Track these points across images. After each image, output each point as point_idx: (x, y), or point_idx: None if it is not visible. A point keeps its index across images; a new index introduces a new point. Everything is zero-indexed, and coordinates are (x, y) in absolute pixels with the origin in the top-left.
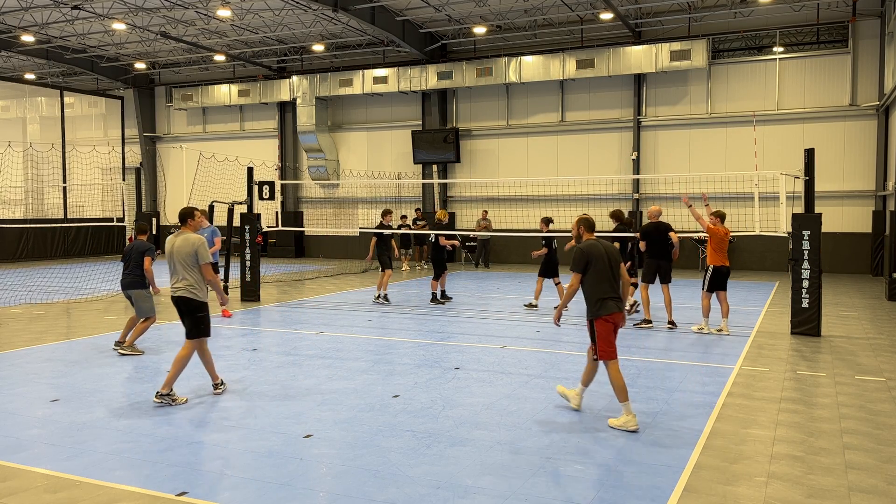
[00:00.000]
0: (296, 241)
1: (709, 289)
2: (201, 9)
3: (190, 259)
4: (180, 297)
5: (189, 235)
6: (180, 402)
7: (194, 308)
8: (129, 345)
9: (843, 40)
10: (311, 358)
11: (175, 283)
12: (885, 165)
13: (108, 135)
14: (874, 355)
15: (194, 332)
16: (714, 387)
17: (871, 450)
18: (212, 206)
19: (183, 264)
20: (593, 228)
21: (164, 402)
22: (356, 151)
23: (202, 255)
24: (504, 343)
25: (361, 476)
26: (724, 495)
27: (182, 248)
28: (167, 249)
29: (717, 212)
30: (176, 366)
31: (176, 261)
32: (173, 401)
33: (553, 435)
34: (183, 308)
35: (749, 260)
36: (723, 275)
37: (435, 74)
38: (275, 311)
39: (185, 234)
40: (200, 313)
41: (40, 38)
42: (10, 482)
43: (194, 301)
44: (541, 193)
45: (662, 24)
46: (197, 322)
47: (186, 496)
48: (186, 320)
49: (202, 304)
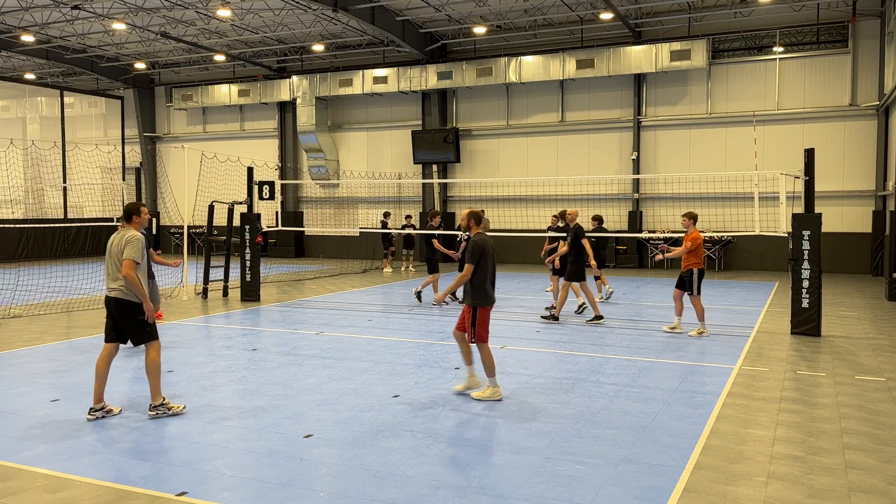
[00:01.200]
0: (296, 241)
1: (698, 291)
2: (201, 9)
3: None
4: (114, 299)
5: (127, 232)
6: (177, 410)
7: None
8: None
9: (843, 40)
10: (311, 358)
11: (109, 283)
12: (885, 165)
13: (108, 135)
14: (874, 355)
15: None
16: (714, 387)
17: (871, 450)
18: (212, 205)
19: (118, 264)
20: (481, 221)
21: (161, 413)
22: (356, 151)
23: (127, 251)
24: (504, 343)
25: (361, 476)
26: (724, 495)
27: (118, 245)
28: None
29: (689, 213)
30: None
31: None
32: (168, 409)
33: (553, 435)
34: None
35: (749, 260)
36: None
37: (435, 74)
38: (275, 311)
39: (126, 231)
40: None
41: (40, 38)
42: (10, 482)
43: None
44: (541, 193)
45: (662, 24)
46: (140, 325)
47: (186, 496)
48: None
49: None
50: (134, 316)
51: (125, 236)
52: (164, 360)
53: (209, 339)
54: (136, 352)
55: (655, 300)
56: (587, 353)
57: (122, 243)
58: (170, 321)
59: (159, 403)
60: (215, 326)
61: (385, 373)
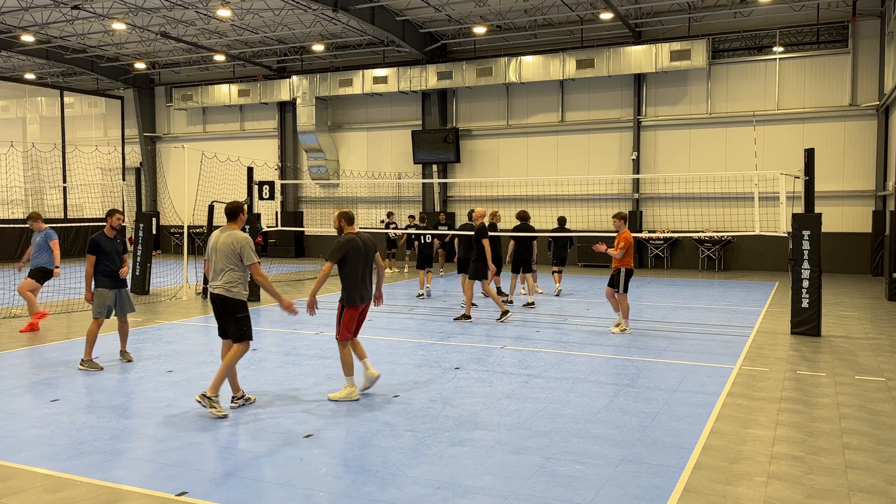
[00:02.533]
0: (296, 241)
1: (625, 289)
2: (201, 9)
3: (234, 257)
4: (218, 296)
5: (233, 232)
6: (219, 412)
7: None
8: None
9: (843, 40)
10: (311, 358)
11: (214, 280)
12: (885, 165)
13: (108, 135)
14: (874, 355)
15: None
16: (714, 387)
17: (871, 450)
18: (212, 205)
19: (225, 263)
20: (352, 222)
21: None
22: (356, 151)
23: (247, 254)
24: (504, 343)
25: (361, 476)
26: (724, 495)
27: (227, 245)
28: (210, 244)
29: (619, 213)
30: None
31: (219, 258)
32: (213, 407)
33: (553, 435)
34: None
35: (749, 260)
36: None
37: (435, 74)
38: (275, 311)
39: (231, 230)
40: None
41: (40, 38)
42: (10, 482)
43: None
44: (541, 193)
45: (662, 24)
46: (239, 323)
47: (186, 496)
48: (228, 320)
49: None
50: (235, 314)
51: (235, 237)
52: (164, 360)
53: (209, 340)
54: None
55: (655, 300)
56: (587, 353)
57: (234, 245)
58: (170, 321)
59: (213, 395)
60: (214, 326)
61: (385, 373)
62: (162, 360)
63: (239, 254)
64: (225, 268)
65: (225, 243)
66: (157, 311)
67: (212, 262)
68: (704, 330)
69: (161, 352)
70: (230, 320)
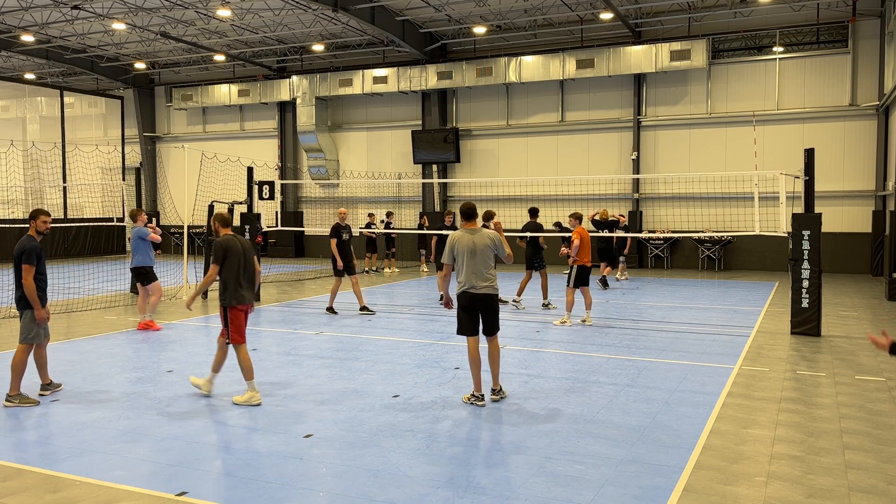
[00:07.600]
0: (296, 241)
1: (574, 284)
2: (201, 9)
3: (491, 254)
4: (486, 295)
5: (484, 231)
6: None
7: (497, 305)
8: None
9: (843, 40)
10: (311, 358)
11: (478, 282)
12: (885, 165)
13: (108, 135)
14: (874, 355)
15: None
16: (714, 387)
17: (871, 450)
18: (212, 205)
19: (487, 262)
20: (228, 224)
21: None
22: (356, 151)
23: (505, 247)
24: (504, 343)
25: (361, 476)
26: (724, 495)
27: (485, 244)
28: (464, 246)
29: (575, 213)
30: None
31: (477, 260)
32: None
33: (553, 435)
34: (488, 305)
35: (749, 260)
36: (587, 272)
37: (435, 74)
38: (275, 311)
39: (481, 229)
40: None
41: (40, 38)
42: (10, 482)
43: (498, 297)
44: (541, 193)
45: (662, 24)
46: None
47: (186, 496)
48: (490, 316)
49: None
50: (497, 310)
51: (487, 235)
52: (164, 360)
53: (209, 340)
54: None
55: (655, 300)
56: (587, 353)
57: (489, 242)
58: (170, 321)
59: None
60: (215, 326)
61: (385, 373)
62: (162, 361)
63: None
64: (487, 266)
65: (483, 243)
66: (156, 311)
67: (472, 265)
68: (704, 330)
69: (161, 352)
70: (492, 315)
